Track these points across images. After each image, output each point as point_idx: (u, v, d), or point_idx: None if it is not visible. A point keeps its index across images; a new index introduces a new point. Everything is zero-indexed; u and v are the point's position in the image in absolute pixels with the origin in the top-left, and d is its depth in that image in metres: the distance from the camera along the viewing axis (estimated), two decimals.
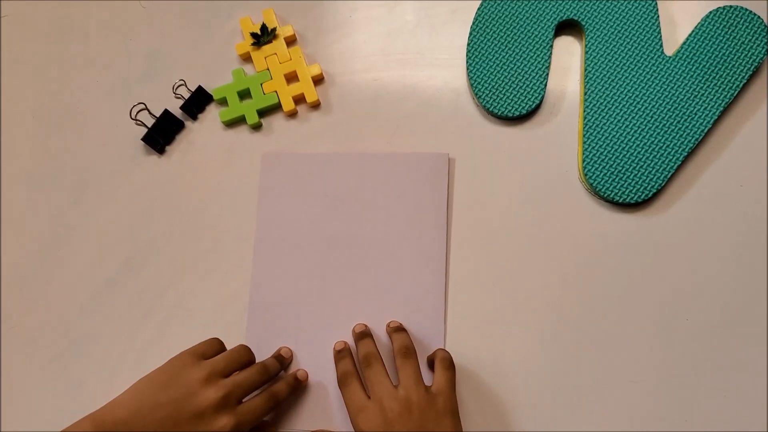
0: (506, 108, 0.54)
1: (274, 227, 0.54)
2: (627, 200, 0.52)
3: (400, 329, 0.50)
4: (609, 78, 0.54)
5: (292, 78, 0.57)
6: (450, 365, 0.47)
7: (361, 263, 0.53)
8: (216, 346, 0.47)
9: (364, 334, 0.50)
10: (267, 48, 0.57)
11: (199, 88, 0.57)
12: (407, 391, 0.44)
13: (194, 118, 0.58)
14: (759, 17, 0.53)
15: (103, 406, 0.42)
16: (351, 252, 0.53)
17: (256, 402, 0.45)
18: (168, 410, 0.42)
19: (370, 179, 0.54)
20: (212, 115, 0.58)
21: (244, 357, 0.47)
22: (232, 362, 0.46)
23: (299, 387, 0.50)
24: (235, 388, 0.44)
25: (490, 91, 0.55)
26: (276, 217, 0.54)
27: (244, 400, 0.45)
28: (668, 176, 0.52)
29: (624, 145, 0.53)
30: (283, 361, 0.50)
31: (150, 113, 0.57)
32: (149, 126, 0.57)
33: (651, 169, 0.52)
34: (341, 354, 0.49)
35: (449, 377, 0.46)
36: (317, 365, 0.51)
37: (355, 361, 0.49)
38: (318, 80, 0.57)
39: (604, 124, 0.53)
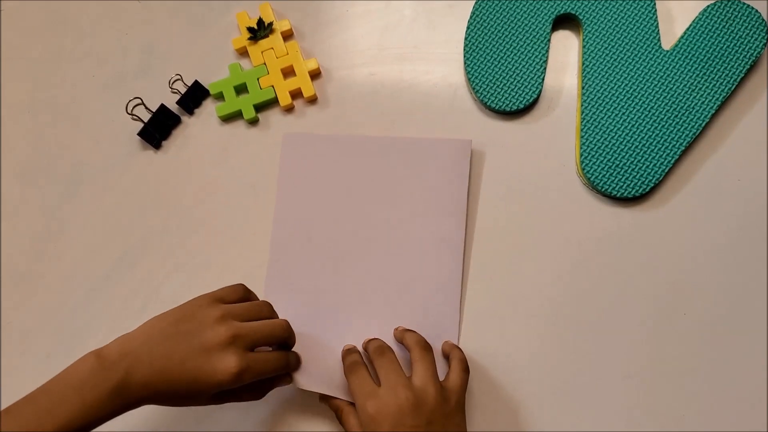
0: (504, 102, 0.54)
1: (293, 208, 0.54)
2: (624, 195, 0.52)
3: (408, 329, 0.49)
4: (606, 72, 0.54)
5: (288, 73, 0.57)
6: (467, 368, 0.47)
7: (378, 248, 0.53)
8: (239, 293, 0.45)
9: (375, 339, 0.49)
10: (264, 42, 0.57)
11: (196, 82, 0.57)
12: (424, 383, 0.44)
13: (191, 112, 0.58)
14: (757, 11, 0.53)
15: (112, 341, 0.41)
16: (369, 235, 0.53)
17: (268, 355, 0.43)
18: (176, 342, 0.40)
19: (390, 163, 0.54)
20: (209, 109, 0.58)
21: (264, 312, 0.45)
22: (251, 311, 0.44)
23: (298, 368, 0.48)
24: (249, 332, 0.42)
25: (487, 85, 0.54)
26: (295, 197, 0.54)
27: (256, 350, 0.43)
28: (666, 170, 0.52)
29: (621, 140, 0.53)
30: (292, 336, 0.48)
31: (146, 108, 0.57)
32: (145, 121, 0.56)
33: (649, 163, 0.52)
34: (350, 351, 0.49)
35: (465, 379, 0.46)
36: (324, 345, 0.51)
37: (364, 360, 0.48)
38: (315, 75, 0.57)
39: (602, 118, 0.53)
